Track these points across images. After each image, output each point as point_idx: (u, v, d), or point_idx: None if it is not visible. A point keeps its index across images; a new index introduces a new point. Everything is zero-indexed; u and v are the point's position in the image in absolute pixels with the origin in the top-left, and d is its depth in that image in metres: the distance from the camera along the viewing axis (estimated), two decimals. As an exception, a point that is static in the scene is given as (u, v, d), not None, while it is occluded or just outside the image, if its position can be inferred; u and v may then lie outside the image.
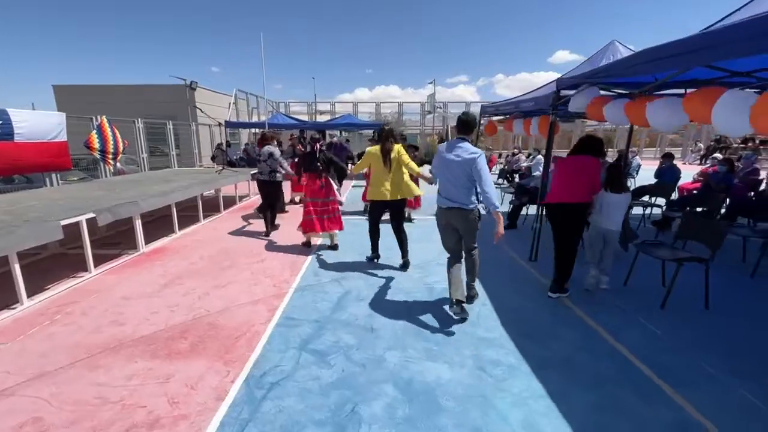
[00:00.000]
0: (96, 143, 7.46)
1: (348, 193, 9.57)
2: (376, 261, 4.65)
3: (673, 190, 6.47)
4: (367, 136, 16.41)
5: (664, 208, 5.97)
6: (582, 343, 2.88)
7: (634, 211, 6.05)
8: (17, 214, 3.89)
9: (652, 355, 2.69)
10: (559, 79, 4.28)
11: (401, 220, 4.42)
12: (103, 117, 7.68)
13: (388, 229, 4.41)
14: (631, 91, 4.07)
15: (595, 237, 3.77)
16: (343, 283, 4.01)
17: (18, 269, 3.41)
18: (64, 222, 3.75)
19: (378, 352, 2.74)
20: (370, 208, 4.46)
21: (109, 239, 5.69)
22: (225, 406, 2.19)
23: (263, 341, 2.87)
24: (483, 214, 3.23)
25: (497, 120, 7.98)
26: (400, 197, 4.28)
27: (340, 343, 2.85)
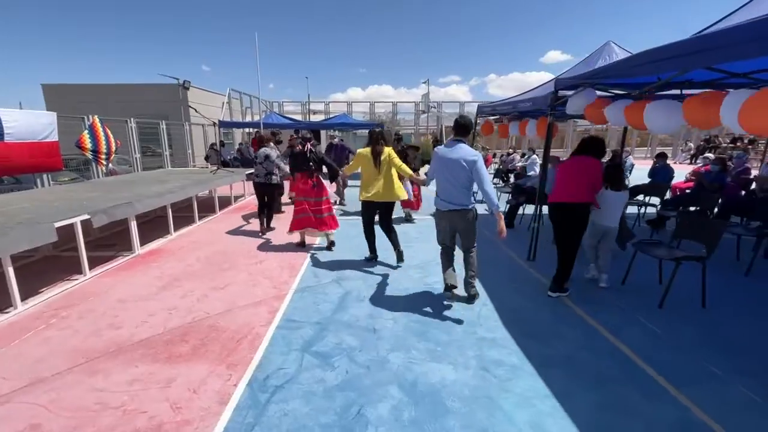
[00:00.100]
0: (88, 143, 7.34)
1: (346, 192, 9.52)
2: (374, 261, 4.64)
3: (668, 190, 6.54)
4: (363, 135, 16.39)
5: (659, 208, 6.03)
6: (583, 342, 2.89)
7: (629, 210, 6.12)
8: (9, 216, 3.81)
9: (652, 354, 2.71)
10: (557, 79, 4.29)
11: (390, 220, 4.47)
12: (95, 117, 7.56)
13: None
14: (629, 92, 4.11)
15: (593, 234, 3.82)
16: (343, 283, 3.99)
17: (12, 272, 3.33)
18: (58, 224, 3.67)
19: (381, 353, 2.73)
20: (362, 209, 4.49)
21: (103, 241, 5.61)
22: (229, 411, 2.16)
23: (265, 343, 2.84)
24: (485, 213, 3.27)
25: (493, 119, 8.00)
26: (389, 199, 4.33)
27: (342, 345, 2.83)
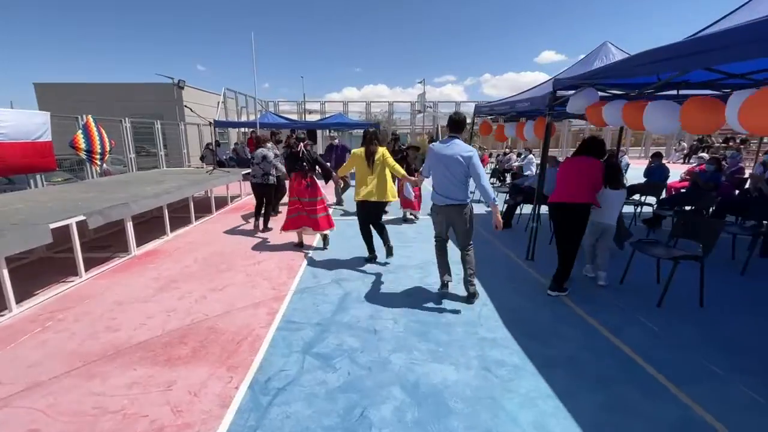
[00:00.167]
0: (82, 143, 7.26)
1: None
2: (373, 261, 4.63)
3: (663, 189, 6.59)
4: (359, 135, 16.33)
5: (655, 207, 6.07)
6: (583, 341, 2.90)
7: (625, 209, 6.15)
8: (3, 217, 3.75)
9: (653, 353, 2.72)
10: (555, 79, 4.30)
11: (378, 220, 4.53)
12: (89, 116, 7.47)
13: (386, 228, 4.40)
14: (627, 92, 4.12)
15: (592, 232, 3.85)
16: (343, 284, 3.97)
17: (6, 274, 3.28)
18: (54, 225, 3.62)
19: (383, 354, 2.72)
20: (357, 209, 4.50)
21: (98, 242, 5.54)
22: (231, 414, 2.14)
23: (266, 345, 2.82)
24: (483, 214, 3.30)
25: (490, 119, 8.02)
26: (383, 199, 4.36)
27: (344, 346, 2.82)
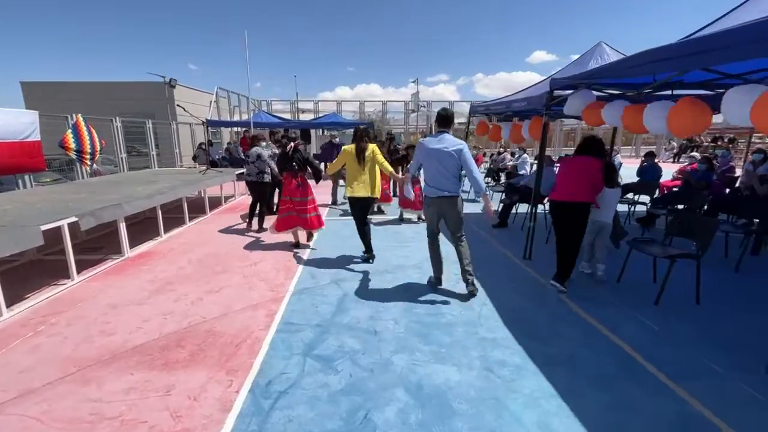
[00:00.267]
0: (72, 143, 7.12)
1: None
2: (371, 261, 4.61)
3: (656, 188, 6.66)
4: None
5: (649, 206, 6.14)
6: (584, 340, 2.91)
7: (619, 208, 6.20)
8: (-8, 219, 3.65)
9: (652, 351, 2.74)
10: (552, 79, 4.31)
11: (365, 216, 4.55)
12: (79, 115, 7.34)
13: (381, 229, 4.37)
14: (624, 91, 4.15)
15: (590, 230, 3.90)
16: (341, 285, 3.94)
17: (-5, 278, 3.20)
18: (45, 227, 3.54)
19: (385, 355, 2.70)
20: (350, 206, 4.57)
21: (89, 244, 5.44)
22: (232, 418, 2.11)
23: (265, 348, 2.78)
24: (479, 213, 3.33)
25: (485, 119, 8.04)
26: (374, 195, 4.41)
27: (345, 348, 2.79)
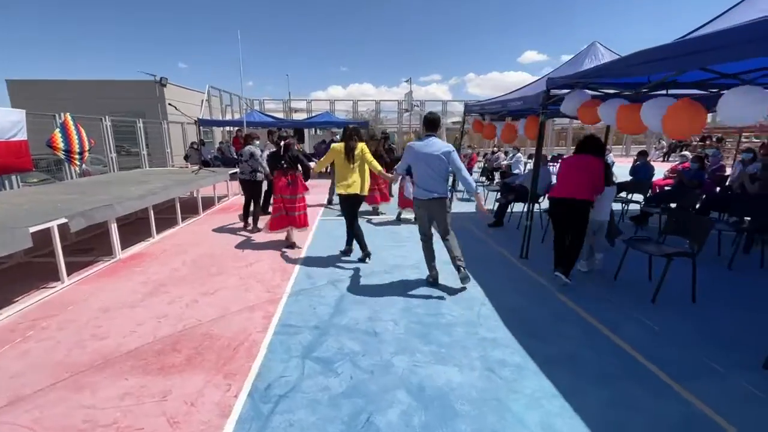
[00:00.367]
0: (60, 142, 6.97)
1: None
2: (367, 260, 4.58)
3: (649, 187, 6.72)
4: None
5: (642, 204, 6.19)
6: (584, 339, 2.91)
7: (612, 207, 6.25)
8: (-22, 221, 3.54)
9: (652, 350, 2.75)
10: (549, 78, 4.32)
11: (354, 213, 4.56)
12: (67, 114, 7.19)
13: (379, 229, 4.34)
14: (621, 91, 4.17)
15: (589, 230, 3.92)
16: (339, 285, 3.90)
17: (-18, 282, 3.11)
18: (34, 228, 3.44)
19: (385, 357, 2.67)
20: (341, 204, 4.60)
21: (79, 245, 5.32)
22: (231, 424, 2.06)
23: (263, 350, 2.74)
24: (472, 212, 3.37)
25: (480, 118, 8.05)
26: (364, 193, 4.45)
27: (344, 350, 2.75)
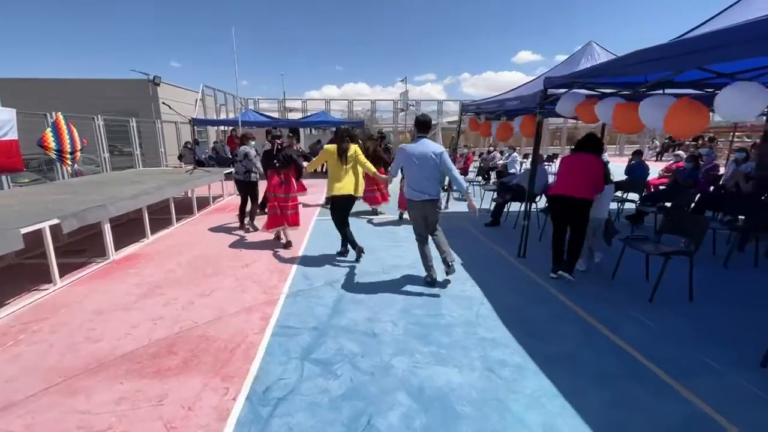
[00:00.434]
0: (51, 142, 6.85)
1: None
2: (362, 256, 4.58)
3: (645, 186, 6.76)
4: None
5: (638, 204, 6.23)
6: (583, 338, 2.91)
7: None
8: (-33, 222, 3.47)
9: (651, 349, 2.75)
10: (546, 78, 4.32)
11: (347, 215, 4.55)
12: (59, 114, 7.07)
13: (378, 229, 4.32)
14: (618, 90, 4.18)
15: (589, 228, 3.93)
16: (336, 286, 3.88)
17: (-28, 284, 3.04)
18: (25, 230, 3.38)
19: (384, 358, 2.65)
20: (331, 204, 4.59)
21: (71, 246, 5.24)
22: (230, 427, 2.03)
23: (261, 353, 2.70)
24: (467, 212, 3.40)
25: (476, 117, 8.04)
26: (355, 194, 4.43)
27: (343, 351, 2.73)
